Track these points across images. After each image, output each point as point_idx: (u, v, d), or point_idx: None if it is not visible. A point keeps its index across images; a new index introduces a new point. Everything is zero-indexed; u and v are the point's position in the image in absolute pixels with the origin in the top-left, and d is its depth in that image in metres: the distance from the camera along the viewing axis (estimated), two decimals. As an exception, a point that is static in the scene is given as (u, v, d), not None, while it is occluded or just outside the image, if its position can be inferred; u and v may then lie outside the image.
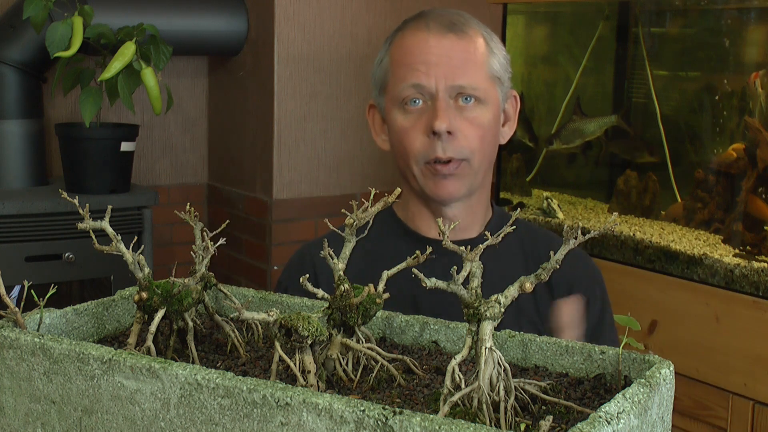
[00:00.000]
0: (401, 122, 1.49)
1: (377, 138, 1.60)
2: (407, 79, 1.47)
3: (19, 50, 2.64)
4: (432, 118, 1.45)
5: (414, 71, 1.47)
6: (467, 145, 1.47)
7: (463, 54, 1.47)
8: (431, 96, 1.47)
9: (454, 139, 1.46)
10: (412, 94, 1.47)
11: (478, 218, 1.56)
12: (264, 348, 0.99)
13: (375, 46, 3.02)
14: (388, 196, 0.92)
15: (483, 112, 1.48)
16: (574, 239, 0.80)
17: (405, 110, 1.49)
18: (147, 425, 0.83)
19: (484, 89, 1.48)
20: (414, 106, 1.48)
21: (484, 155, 1.50)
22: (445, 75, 1.45)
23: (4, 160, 2.66)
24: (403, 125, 1.49)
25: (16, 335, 0.91)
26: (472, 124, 1.47)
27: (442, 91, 1.46)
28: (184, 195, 3.20)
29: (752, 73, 2.29)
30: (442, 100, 1.45)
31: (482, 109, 1.48)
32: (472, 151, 1.47)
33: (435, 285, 0.80)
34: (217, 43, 2.98)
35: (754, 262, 2.12)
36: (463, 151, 1.47)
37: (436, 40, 1.47)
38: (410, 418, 0.71)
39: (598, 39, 2.88)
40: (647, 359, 0.87)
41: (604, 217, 2.64)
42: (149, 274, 0.96)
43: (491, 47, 1.51)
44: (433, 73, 1.46)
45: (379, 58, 1.55)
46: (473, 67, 1.47)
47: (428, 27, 1.49)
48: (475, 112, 1.48)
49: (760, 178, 2.20)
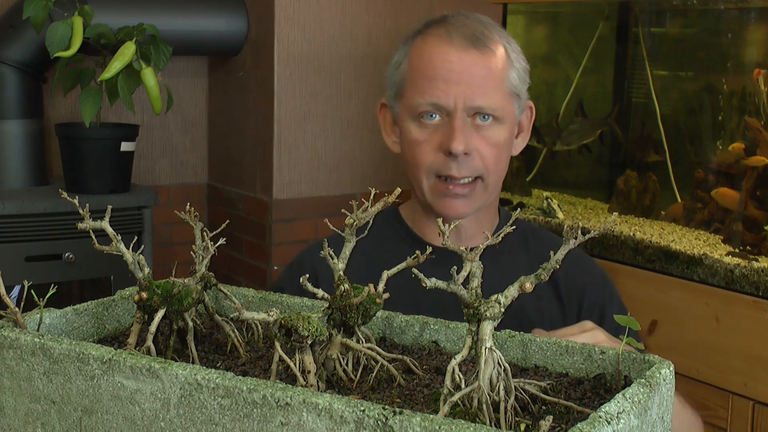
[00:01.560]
0: (415, 134, 1.47)
1: (387, 138, 1.58)
2: (425, 95, 1.44)
3: (19, 50, 2.64)
4: (449, 138, 1.42)
5: (433, 88, 1.44)
6: (483, 164, 1.45)
7: (484, 71, 1.44)
8: (448, 113, 1.44)
9: (470, 159, 1.43)
10: (429, 110, 1.45)
11: (485, 227, 1.55)
12: (264, 348, 0.99)
13: (375, 46, 3.02)
14: (388, 196, 0.92)
15: (500, 131, 1.46)
16: (574, 239, 0.80)
17: (420, 123, 1.46)
18: (147, 425, 0.83)
19: (502, 108, 1.45)
20: (430, 120, 1.45)
21: (498, 173, 1.49)
22: (464, 94, 1.42)
23: (4, 160, 2.66)
24: (417, 138, 1.46)
25: (16, 335, 0.91)
26: (489, 143, 1.45)
27: (460, 110, 1.43)
28: (184, 195, 3.20)
29: (754, 69, 2.29)
30: (460, 119, 1.43)
31: (499, 128, 1.46)
32: (487, 170, 1.46)
33: (435, 285, 0.80)
34: (217, 43, 2.98)
35: (753, 262, 2.12)
36: (479, 170, 1.45)
37: (457, 56, 1.44)
38: (410, 418, 0.71)
39: (598, 39, 2.88)
40: (647, 359, 0.87)
41: (604, 217, 2.64)
42: (149, 274, 0.96)
43: (511, 59, 1.47)
44: (453, 92, 1.43)
45: (397, 60, 1.52)
46: (492, 86, 1.44)
47: (451, 39, 1.45)
48: (491, 131, 1.45)
49: (760, 178, 2.20)
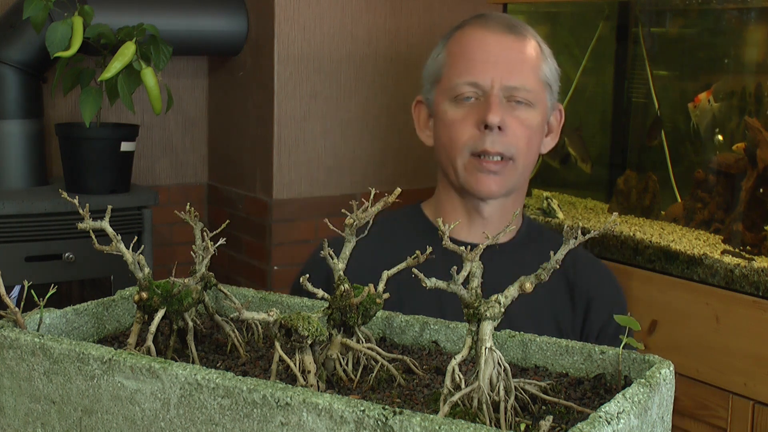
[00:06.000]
0: (452, 114, 1.52)
1: (421, 134, 1.63)
2: (463, 75, 1.51)
3: (19, 50, 2.64)
4: (485, 111, 1.48)
5: (471, 68, 1.50)
6: (515, 142, 1.50)
7: (520, 55, 1.52)
8: (484, 92, 1.49)
9: (504, 135, 1.48)
10: (467, 91, 1.50)
11: (510, 219, 1.57)
12: (264, 348, 0.99)
13: (375, 46, 3.02)
14: (388, 196, 0.92)
15: (532, 115, 1.52)
16: (574, 239, 0.80)
17: (457, 103, 1.52)
18: (147, 425, 0.83)
19: (535, 92, 1.51)
20: (467, 101, 1.51)
21: (528, 158, 1.53)
22: (501, 74, 1.49)
23: (4, 160, 2.66)
24: (454, 117, 1.52)
25: (16, 335, 0.91)
26: (522, 124, 1.51)
27: (497, 89, 1.49)
28: (184, 195, 3.20)
29: (759, 73, 2.30)
30: (496, 96, 1.48)
31: (532, 111, 1.52)
32: (519, 149, 1.50)
33: (435, 285, 0.80)
34: (217, 43, 2.98)
35: (753, 262, 2.12)
36: (511, 148, 1.49)
37: (494, 38, 1.51)
38: (410, 418, 0.71)
39: (598, 39, 2.88)
40: (647, 359, 0.87)
41: (604, 217, 2.64)
42: (149, 274, 0.96)
43: (545, 54, 1.55)
44: (490, 72, 1.49)
45: (436, 53, 1.58)
46: (528, 69, 1.51)
47: (487, 25, 1.53)
48: (525, 113, 1.51)
49: (760, 178, 2.20)
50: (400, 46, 3.08)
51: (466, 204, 1.54)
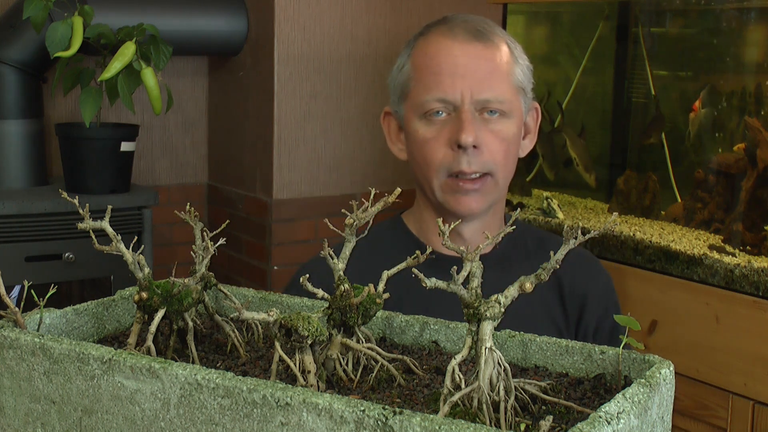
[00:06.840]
0: (423, 133, 1.44)
1: (393, 147, 1.55)
2: (431, 91, 1.42)
3: (19, 50, 2.64)
4: (457, 131, 1.40)
5: (439, 83, 1.42)
6: (492, 158, 1.43)
7: (489, 64, 1.43)
8: (455, 108, 1.42)
9: (479, 153, 1.41)
10: (436, 107, 1.42)
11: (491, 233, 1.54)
12: (264, 348, 0.99)
13: (375, 46, 3.02)
14: (388, 196, 0.92)
15: (508, 126, 1.44)
16: (574, 239, 0.80)
17: (428, 120, 1.44)
18: (147, 425, 0.83)
19: (509, 102, 1.43)
20: (437, 117, 1.43)
21: (506, 170, 1.47)
22: (471, 87, 1.41)
23: (4, 160, 2.66)
24: (425, 136, 1.44)
25: (16, 335, 0.91)
26: (497, 137, 1.43)
27: (468, 104, 1.41)
28: (184, 195, 3.20)
29: (759, 73, 2.30)
30: (468, 112, 1.41)
31: (507, 122, 1.44)
32: (496, 164, 1.43)
33: (435, 285, 0.80)
34: (217, 43, 2.98)
35: (753, 262, 2.12)
36: (488, 164, 1.42)
37: (461, 49, 1.42)
38: (410, 418, 0.71)
39: (598, 39, 2.88)
40: (647, 359, 0.87)
41: (604, 217, 2.64)
42: (149, 274, 0.96)
43: (516, 56, 1.46)
44: (459, 86, 1.41)
45: (400, 63, 1.50)
46: (499, 78, 1.43)
47: (453, 33, 1.44)
48: (500, 125, 1.43)
49: (760, 178, 2.20)
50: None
51: (446, 220, 1.51)
